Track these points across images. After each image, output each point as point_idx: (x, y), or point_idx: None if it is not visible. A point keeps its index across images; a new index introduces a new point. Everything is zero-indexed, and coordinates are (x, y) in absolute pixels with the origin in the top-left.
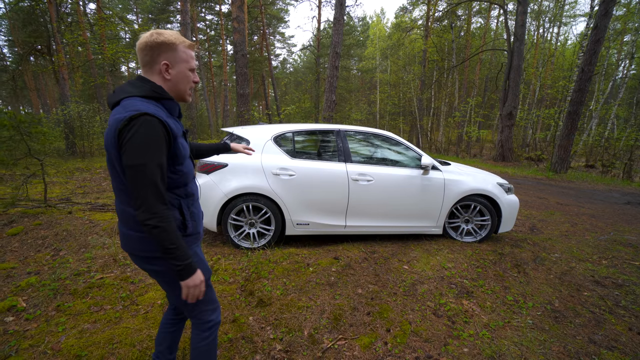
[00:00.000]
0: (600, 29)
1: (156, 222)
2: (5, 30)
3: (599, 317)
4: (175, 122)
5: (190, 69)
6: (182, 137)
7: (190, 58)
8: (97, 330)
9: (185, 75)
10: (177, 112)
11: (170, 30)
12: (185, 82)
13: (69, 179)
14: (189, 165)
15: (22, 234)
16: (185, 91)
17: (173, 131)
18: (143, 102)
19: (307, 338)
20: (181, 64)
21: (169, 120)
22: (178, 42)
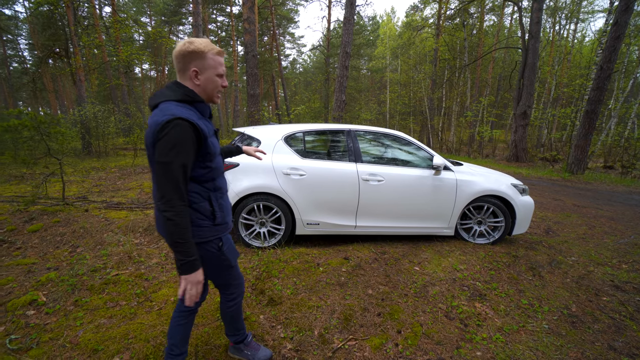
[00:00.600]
0: (621, 25)
1: (171, 215)
2: (26, 34)
3: (619, 323)
4: (207, 123)
5: (218, 74)
6: (212, 136)
7: (219, 64)
8: (113, 325)
9: (213, 80)
10: (208, 113)
11: (201, 38)
12: (213, 86)
13: (85, 178)
14: (219, 161)
15: (42, 231)
16: (214, 94)
17: (204, 132)
18: (178, 106)
19: (317, 338)
20: (209, 70)
21: (200, 122)
22: (207, 50)
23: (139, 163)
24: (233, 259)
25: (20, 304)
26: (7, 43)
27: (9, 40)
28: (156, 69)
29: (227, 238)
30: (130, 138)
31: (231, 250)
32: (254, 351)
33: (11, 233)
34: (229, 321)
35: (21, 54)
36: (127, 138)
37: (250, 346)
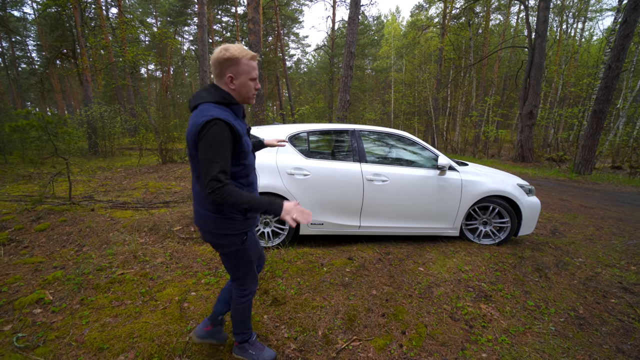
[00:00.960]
0: (630, 23)
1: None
2: (34, 36)
3: (627, 325)
4: (241, 123)
5: (251, 78)
6: (246, 135)
7: (252, 69)
8: (118, 324)
9: (247, 84)
10: (241, 114)
11: (236, 44)
12: (247, 90)
13: (92, 178)
14: (252, 159)
15: (49, 230)
16: (249, 96)
17: (239, 132)
18: (215, 108)
19: (321, 338)
20: (243, 75)
21: (235, 122)
22: (241, 55)
23: (145, 163)
24: (254, 254)
25: (27, 303)
26: (16, 44)
27: (17, 41)
28: (162, 69)
29: (252, 233)
30: (135, 138)
31: (254, 245)
32: (258, 351)
33: (19, 232)
34: (238, 318)
35: (29, 55)
36: (132, 138)
37: (254, 346)
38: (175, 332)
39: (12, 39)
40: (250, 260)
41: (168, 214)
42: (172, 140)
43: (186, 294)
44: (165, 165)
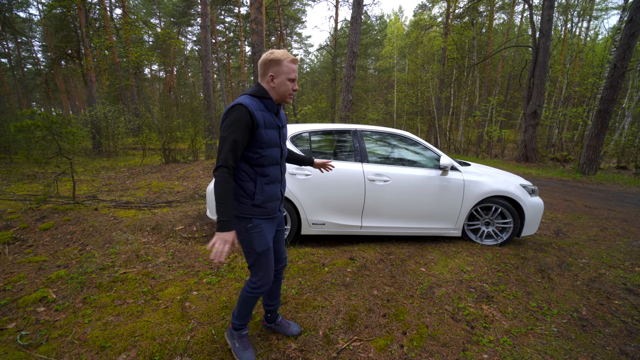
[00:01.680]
0: (636, 22)
1: (217, 176)
2: (40, 37)
3: (631, 327)
4: (268, 116)
5: (289, 79)
6: (271, 129)
7: (291, 71)
8: (120, 322)
9: (285, 83)
10: (275, 108)
11: (280, 50)
12: (285, 88)
13: (95, 177)
14: (273, 152)
15: (53, 229)
16: (286, 95)
17: (257, 120)
18: (247, 97)
19: (322, 338)
20: (282, 75)
21: (259, 112)
22: (283, 58)
23: (148, 163)
24: (259, 245)
25: (31, 301)
26: (22, 45)
27: (23, 42)
28: (165, 69)
29: (264, 225)
30: (139, 138)
31: (260, 236)
32: (241, 346)
33: (23, 231)
34: (240, 304)
35: (35, 56)
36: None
37: (241, 339)
38: (177, 331)
39: (18, 40)
40: (258, 252)
41: (170, 213)
42: (175, 140)
43: (188, 293)
44: (168, 165)
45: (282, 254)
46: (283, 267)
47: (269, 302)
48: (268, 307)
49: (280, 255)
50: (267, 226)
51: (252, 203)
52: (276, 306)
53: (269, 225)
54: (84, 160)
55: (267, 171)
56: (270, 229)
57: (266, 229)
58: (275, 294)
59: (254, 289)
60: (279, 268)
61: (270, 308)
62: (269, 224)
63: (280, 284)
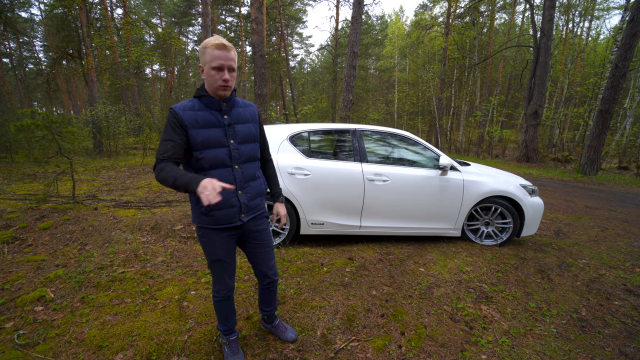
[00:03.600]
0: (637, 22)
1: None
2: (41, 37)
3: (631, 328)
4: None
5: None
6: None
7: (214, 58)
8: (118, 322)
9: (209, 74)
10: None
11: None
12: (212, 80)
13: (96, 177)
14: (214, 154)
15: (52, 228)
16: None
17: (182, 121)
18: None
19: (320, 338)
20: (206, 65)
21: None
22: (206, 45)
23: (148, 162)
24: (207, 254)
25: (29, 300)
26: (24, 45)
27: (25, 42)
28: (166, 69)
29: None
30: (139, 137)
31: (207, 245)
32: (230, 351)
33: (23, 230)
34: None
35: (37, 56)
36: (137, 137)
37: (230, 345)
38: (174, 331)
39: (20, 40)
40: (210, 259)
41: (170, 213)
42: None
43: (186, 292)
44: None
45: (268, 271)
46: (271, 282)
47: (263, 308)
48: (263, 312)
49: (265, 272)
50: (216, 237)
51: (199, 210)
52: (271, 312)
53: (219, 236)
54: (84, 159)
55: (209, 175)
56: (223, 240)
57: (216, 240)
58: (268, 302)
59: (215, 292)
60: (266, 282)
61: (266, 313)
62: (219, 234)
63: (274, 294)
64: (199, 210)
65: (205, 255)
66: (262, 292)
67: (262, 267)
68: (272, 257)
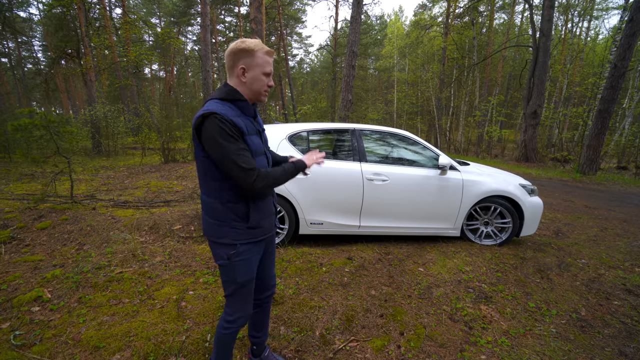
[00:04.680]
0: (636, 21)
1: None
2: (40, 36)
3: (631, 328)
4: (246, 121)
5: (264, 73)
6: (252, 135)
7: (266, 63)
8: (115, 322)
9: (259, 78)
10: (251, 112)
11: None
12: (259, 85)
13: (94, 177)
14: (260, 162)
15: (50, 228)
16: (261, 93)
17: (241, 127)
18: (217, 103)
19: (318, 338)
20: (256, 69)
21: (237, 118)
22: (257, 48)
23: (147, 162)
24: (241, 275)
25: (26, 300)
26: (22, 45)
27: (23, 42)
28: (165, 69)
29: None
30: (138, 137)
31: (245, 264)
32: None
33: (21, 230)
34: (215, 346)
35: (35, 55)
36: (136, 137)
37: None
38: (172, 331)
39: (19, 40)
40: (239, 282)
41: (169, 213)
42: (175, 139)
43: (184, 293)
44: (167, 164)
45: (271, 280)
46: (271, 295)
47: (254, 334)
48: (254, 338)
49: (268, 282)
50: (255, 251)
51: (247, 226)
52: (263, 338)
53: (257, 249)
54: (83, 159)
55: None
56: (257, 254)
57: (253, 256)
58: (261, 325)
59: (229, 322)
60: (266, 296)
61: (256, 340)
62: (257, 247)
63: (268, 314)
64: (245, 226)
65: (236, 278)
66: (256, 311)
67: (268, 278)
68: (274, 265)
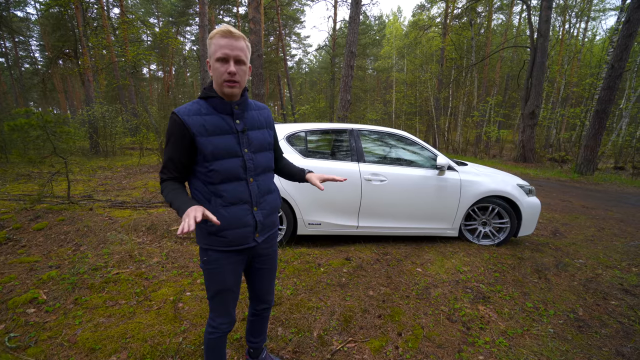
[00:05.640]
0: (633, 22)
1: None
2: (37, 36)
3: (628, 328)
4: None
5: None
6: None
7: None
8: (112, 324)
9: (214, 67)
10: (226, 109)
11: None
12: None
13: (92, 177)
14: (226, 165)
15: (47, 229)
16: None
17: (190, 128)
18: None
19: (316, 339)
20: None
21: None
22: (212, 35)
23: (145, 162)
24: (212, 284)
25: (21, 302)
26: (19, 44)
27: (21, 41)
28: (164, 69)
29: (222, 261)
30: (136, 137)
31: (214, 274)
32: None
33: (17, 231)
34: (204, 352)
35: (32, 55)
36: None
37: None
38: (169, 333)
39: (16, 39)
40: (215, 289)
41: (166, 213)
42: None
43: (181, 294)
44: None
45: (267, 296)
46: (268, 308)
47: (251, 339)
48: (251, 343)
49: (263, 296)
50: (226, 263)
51: (206, 230)
52: (260, 343)
53: (230, 260)
54: (80, 160)
55: (220, 189)
56: (231, 265)
57: (226, 265)
58: (258, 332)
59: (213, 327)
60: (262, 308)
61: (253, 345)
62: (230, 259)
63: (266, 322)
64: (205, 230)
65: (209, 285)
66: (253, 319)
67: (262, 293)
68: (274, 280)
